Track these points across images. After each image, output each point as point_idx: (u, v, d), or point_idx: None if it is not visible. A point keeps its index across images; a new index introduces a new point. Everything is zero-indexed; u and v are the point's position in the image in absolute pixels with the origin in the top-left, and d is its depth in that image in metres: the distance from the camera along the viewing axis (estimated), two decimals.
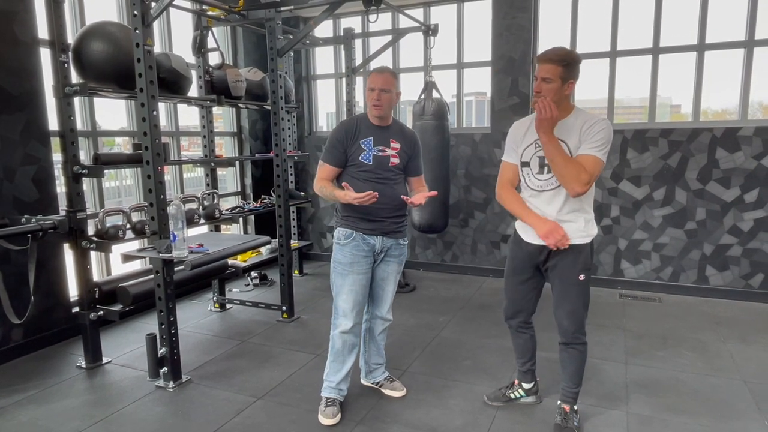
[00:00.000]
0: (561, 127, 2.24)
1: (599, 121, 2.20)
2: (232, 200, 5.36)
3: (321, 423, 2.54)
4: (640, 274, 4.68)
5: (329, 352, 2.64)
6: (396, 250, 2.63)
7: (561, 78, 2.16)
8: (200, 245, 3.12)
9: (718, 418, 2.56)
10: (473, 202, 5.18)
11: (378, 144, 2.52)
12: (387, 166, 2.53)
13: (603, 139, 2.18)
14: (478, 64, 5.11)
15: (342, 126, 2.56)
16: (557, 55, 2.16)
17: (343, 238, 2.53)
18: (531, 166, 2.34)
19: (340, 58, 5.68)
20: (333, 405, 2.59)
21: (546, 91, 2.17)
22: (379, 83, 2.46)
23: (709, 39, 4.31)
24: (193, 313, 4.21)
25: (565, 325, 2.38)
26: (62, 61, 2.93)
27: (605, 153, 2.20)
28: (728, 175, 4.31)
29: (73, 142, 3.02)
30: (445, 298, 4.56)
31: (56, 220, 2.87)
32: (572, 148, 2.22)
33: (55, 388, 2.95)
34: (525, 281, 2.49)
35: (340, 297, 2.55)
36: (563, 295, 2.36)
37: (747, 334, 3.61)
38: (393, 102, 2.53)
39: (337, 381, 2.62)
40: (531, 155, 2.33)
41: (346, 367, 2.62)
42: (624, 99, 4.92)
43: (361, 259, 2.52)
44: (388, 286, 2.68)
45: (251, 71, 4.19)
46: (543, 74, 2.17)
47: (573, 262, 2.31)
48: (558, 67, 2.15)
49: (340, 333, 2.57)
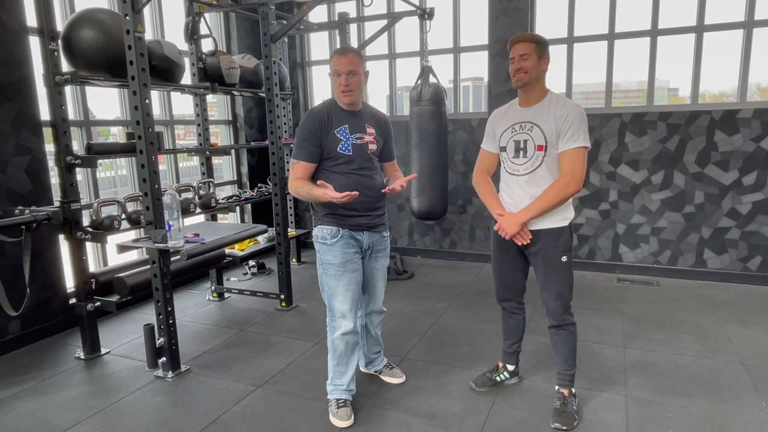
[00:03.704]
0: (536, 112, 2.32)
1: (572, 108, 2.26)
2: (228, 189, 5.32)
3: (336, 425, 2.42)
4: (638, 258, 4.68)
5: (331, 356, 2.50)
6: (381, 244, 2.55)
7: (536, 54, 2.26)
8: (196, 235, 3.10)
9: (716, 400, 2.58)
10: (471, 189, 5.14)
11: (354, 132, 2.36)
12: (366, 154, 2.39)
13: (579, 125, 2.24)
14: (475, 48, 5.05)
15: (312, 116, 2.34)
16: (527, 35, 2.31)
17: (330, 237, 2.37)
18: (507, 150, 2.40)
19: (334, 43, 5.61)
20: (345, 406, 2.47)
21: (527, 66, 2.26)
22: (344, 66, 2.26)
23: (708, 20, 4.26)
24: (190, 303, 4.21)
25: (553, 308, 2.41)
26: (52, 50, 2.88)
27: (585, 137, 2.25)
28: (727, 158, 4.29)
29: (65, 132, 2.98)
30: (444, 284, 4.56)
31: (50, 211, 2.84)
32: (546, 132, 2.28)
33: (53, 379, 2.95)
34: (510, 262, 2.54)
35: (335, 299, 2.41)
36: (548, 278, 2.39)
37: (745, 317, 3.62)
38: (362, 84, 2.35)
39: (345, 383, 2.50)
40: (507, 140, 2.39)
41: (352, 368, 2.51)
42: (621, 82, 4.88)
43: (352, 255, 2.40)
44: (378, 281, 2.62)
45: (245, 58, 4.13)
46: (520, 52, 2.27)
47: (554, 245, 2.36)
48: (532, 44, 2.26)
49: (341, 335, 2.43)
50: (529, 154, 2.33)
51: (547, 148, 2.29)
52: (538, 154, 2.30)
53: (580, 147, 2.24)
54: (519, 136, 2.35)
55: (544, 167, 2.31)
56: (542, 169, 2.31)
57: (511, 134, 2.38)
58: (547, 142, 2.28)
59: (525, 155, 2.33)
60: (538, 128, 2.29)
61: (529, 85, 2.30)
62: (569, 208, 2.40)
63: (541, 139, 2.29)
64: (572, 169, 2.24)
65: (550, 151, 2.29)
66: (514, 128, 2.37)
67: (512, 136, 2.37)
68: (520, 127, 2.36)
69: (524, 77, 2.28)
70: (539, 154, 2.30)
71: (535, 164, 2.32)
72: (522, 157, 2.34)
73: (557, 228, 2.35)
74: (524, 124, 2.34)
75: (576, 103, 2.32)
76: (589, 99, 5.16)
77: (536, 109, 2.32)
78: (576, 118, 2.23)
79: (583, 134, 2.24)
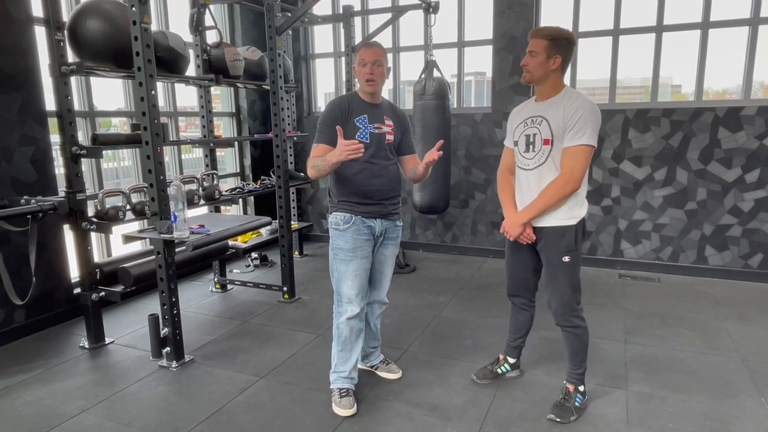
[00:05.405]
0: (548, 107, 2.27)
1: (582, 104, 2.19)
2: (231, 181, 5.33)
3: (339, 415, 2.45)
4: (639, 254, 4.70)
5: (336, 342, 2.55)
6: (393, 232, 2.59)
7: (546, 52, 2.21)
8: (201, 226, 3.11)
9: (716, 395, 2.59)
10: (473, 183, 5.17)
11: (373, 121, 2.44)
12: (384, 144, 2.46)
13: (586, 122, 2.16)
14: (479, 42, 5.04)
15: (334, 105, 2.44)
16: (544, 30, 2.24)
17: (343, 223, 2.44)
18: (519, 144, 2.37)
19: (339, 36, 5.60)
20: (348, 395, 2.52)
21: (531, 64, 2.24)
22: (370, 56, 2.37)
23: (714, 17, 4.25)
24: (194, 294, 4.23)
25: (553, 308, 2.39)
26: (58, 40, 2.89)
27: (591, 135, 2.17)
28: (730, 155, 4.30)
29: (70, 123, 2.99)
30: (446, 278, 4.58)
31: (56, 201, 2.86)
32: (554, 127, 2.23)
33: (58, 368, 2.97)
34: (521, 260, 2.51)
35: (344, 283, 2.47)
36: (550, 277, 2.37)
37: (745, 314, 3.64)
38: (384, 77, 2.44)
39: (348, 370, 2.54)
40: (519, 134, 2.37)
41: (355, 354, 2.55)
42: (624, 79, 4.87)
43: (363, 243, 2.46)
44: (386, 269, 2.65)
45: (249, 50, 4.13)
46: (530, 48, 2.25)
47: (557, 244, 2.31)
48: (544, 41, 2.21)
49: (347, 320, 2.48)
50: (536, 148, 2.29)
51: (554, 142, 2.23)
52: (544, 149, 2.26)
53: (584, 145, 2.17)
54: (529, 130, 2.32)
55: (550, 162, 2.26)
56: (548, 165, 2.26)
57: (523, 128, 2.34)
58: (553, 136, 2.23)
59: (533, 149, 2.29)
60: (546, 122, 2.25)
61: (537, 82, 2.28)
62: (579, 206, 2.30)
63: (547, 132, 2.24)
64: (572, 167, 2.19)
65: (556, 146, 2.23)
66: (526, 122, 2.33)
67: (524, 130, 2.34)
68: (531, 121, 2.32)
69: (527, 75, 2.28)
70: (546, 148, 2.26)
71: (541, 159, 2.28)
72: (531, 151, 2.31)
73: (561, 226, 2.29)
74: (535, 118, 2.30)
75: (590, 99, 2.23)
76: (593, 95, 5.15)
77: (549, 103, 2.28)
78: (584, 114, 2.16)
79: (589, 132, 2.17)
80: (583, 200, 2.32)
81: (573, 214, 2.29)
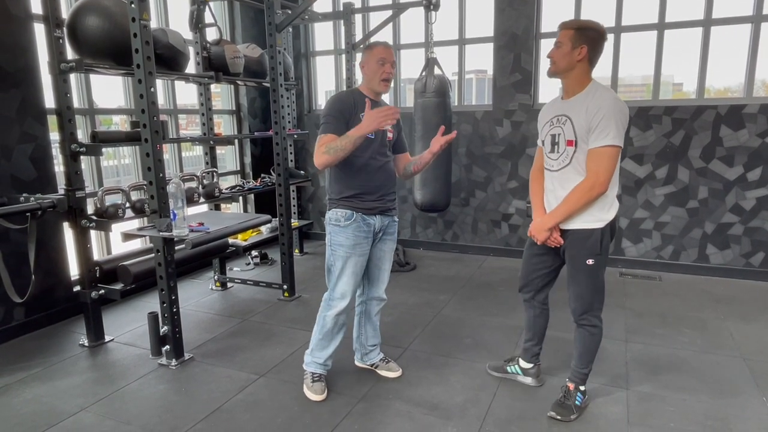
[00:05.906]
0: (573, 105, 2.19)
1: (606, 101, 2.10)
2: (231, 179, 5.32)
3: (309, 398, 2.57)
4: (640, 252, 4.69)
5: (317, 331, 2.62)
6: (391, 227, 2.62)
7: (572, 42, 2.13)
8: (201, 224, 3.10)
9: (717, 394, 2.59)
10: (474, 181, 5.16)
11: None
12: (385, 140, 2.51)
13: (610, 121, 2.07)
14: (480, 40, 5.02)
15: (339, 99, 2.46)
16: (570, 22, 2.18)
17: (344, 220, 2.46)
18: (545, 144, 2.32)
19: (339, 33, 5.59)
20: (320, 381, 2.62)
21: (556, 55, 2.18)
22: (390, 56, 2.43)
23: (716, 14, 4.23)
24: (194, 292, 4.22)
25: (573, 307, 2.37)
26: (57, 37, 2.87)
27: (616, 135, 2.08)
28: (732, 153, 4.28)
29: (70, 120, 2.97)
30: (446, 276, 4.57)
31: (55, 199, 2.85)
32: (577, 127, 2.15)
33: (58, 366, 2.97)
34: (538, 255, 2.47)
35: (341, 279, 2.50)
36: (572, 278, 2.33)
37: (747, 313, 3.63)
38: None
39: (324, 358, 2.63)
40: (546, 134, 2.31)
41: (334, 344, 2.63)
42: (626, 77, 4.85)
43: (362, 240, 2.48)
44: (385, 264, 2.67)
45: (249, 47, 4.11)
46: (557, 39, 2.18)
47: (581, 247, 2.26)
48: (570, 30, 2.15)
49: (335, 315, 2.53)
50: (560, 149, 2.22)
51: (577, 143, 2.15)
52: (568, 150, 2.19)
53: (608, 146, 2.08)
54: (554, 130, 2.25)
55: (575, 164, 2.19)
56: (572, 167, 2.20)
57: (549, 128, 2.28)
58: (576, 137, 2.15)
59: (557, 150, 2.23)
60: (570, 121, 2.17)
61: (562, 75, 2.21)
62: (607, 208, 2.22)
63: (571, 133, 2.17)
64: (596, 170, 2.10)
65: (580, 147, 2.15)
66: (552, 121, 2.26)
67: (550, 129, 2.28)
68: (556, 120, 2.25)
69: (552, 67, 2.21)
70: (569, 149, 2.18)
71: (565, 161, 2.21)
72: (555, 152, 2.24)
73: (587, 229, 2.22)
74: (560, 117, 2.23)
75: (615, 96, 2.14)
76: None
77: (574, 101, 2.19)
78: (608, 112, 2.07)
79: (614, 131, 2.07)
80: (612, 201, 2.24)
81: (600, 217, 2.22)
